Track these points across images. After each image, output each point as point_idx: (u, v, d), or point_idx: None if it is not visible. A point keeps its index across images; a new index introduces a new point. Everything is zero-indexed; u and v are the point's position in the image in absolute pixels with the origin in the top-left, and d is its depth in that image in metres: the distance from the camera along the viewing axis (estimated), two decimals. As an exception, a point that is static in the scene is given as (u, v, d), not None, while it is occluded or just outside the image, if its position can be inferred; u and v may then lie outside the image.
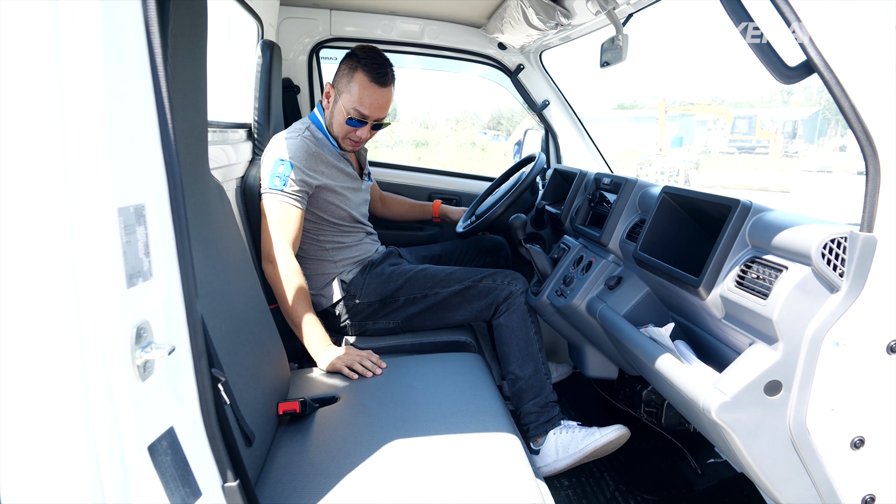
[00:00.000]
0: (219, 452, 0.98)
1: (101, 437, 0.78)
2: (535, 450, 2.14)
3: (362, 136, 2.23)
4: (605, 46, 2.24)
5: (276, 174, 2.06)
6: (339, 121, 2.20)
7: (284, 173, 2.06)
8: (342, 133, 2.22)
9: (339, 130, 2.22)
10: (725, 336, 1.47)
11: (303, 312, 2.01)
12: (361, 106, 2.15)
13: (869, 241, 1.13)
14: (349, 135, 2.23)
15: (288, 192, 2.06)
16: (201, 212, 1.39)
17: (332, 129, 2.24)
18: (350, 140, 2.24)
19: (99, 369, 0.78)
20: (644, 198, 1.96)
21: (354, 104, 2.15)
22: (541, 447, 2.12)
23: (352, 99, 2.14)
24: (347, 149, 2.28)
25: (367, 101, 2.14)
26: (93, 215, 0.76)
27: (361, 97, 2.13)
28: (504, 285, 2.25)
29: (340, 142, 2.25)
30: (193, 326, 0.93)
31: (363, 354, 1.95)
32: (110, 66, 0.78)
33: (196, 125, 1.35)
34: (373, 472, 1.35)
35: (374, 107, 2.16)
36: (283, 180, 2.06)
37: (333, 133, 2.24)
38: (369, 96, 2.14)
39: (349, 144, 2.26)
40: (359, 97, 2.13)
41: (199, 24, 1.28)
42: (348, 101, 2.15)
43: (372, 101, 2.15)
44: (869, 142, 1.09)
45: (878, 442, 1.25)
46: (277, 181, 2.06)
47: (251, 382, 1.40)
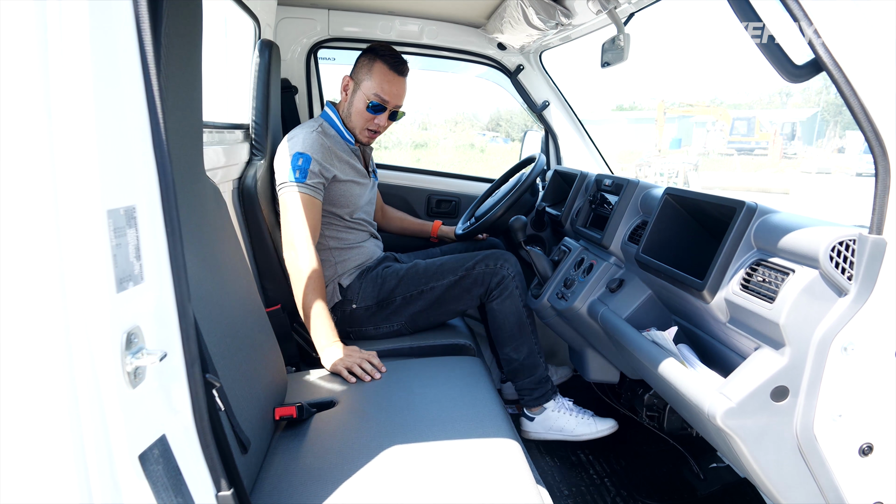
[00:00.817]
0: (212, 460, 0.96)
1: (89, 445, 0.76)
2: (529, 416, 2.35)
3: (380, 125, 2.31)
4: (606, 46, 2.21)
5: (297, 167, 2.11)
6: (358, 108, 2.27)
7: (304, 166, 2.11)
8: (361, 123, 2.29)
9: (358, 120, 2.28)
10: (730, 340, 1.45)
11: (316, 304, 2.01)
12: (382, 91, 2.25)
13: (878, 243, 1.10)
14: (368, 124, 2.29)
15: (309, 184, 2.10)
16: (196, 214, 1.36)
17: (350, 119, 2.30)
18: (368, 131, 2.31)
19: (87, 376, 0.75)
20: (646, 199, 1.93)
21: (375, 90, 2.25)
22: (536, 416, 2.34)
23: (372, 85, 2.25)
24: (364, 140, 2.33)
25: (386, 88, 2.25)
26: (81, 217, 0.74)
27: (381, 83, 2.25)
28: (497, 269, 2.26)
29: (358, 133, 2.31)
30: (186, 331, 0.91)
31: (365, 356, 1.93)
32: (100, 66, 0.75)
33: (191, 126, 1.32)
34: (371, 479, 1.33)
35: (392, 93, 2.27)
36: (304, 173, 2.10)
37: (352, 124, 2.30)
38: (388, 83, 2.25)
39: (366, 136, 2.32)
40: (379, 83, 2.25)
41: (193, 23, 1.26)
42: (369, 87, 2.25)
43: (391, 87, 2.26)
44: (879, 142, 1.06)
45: (886, 448, 1.22)
46: (298, 173, 2.10)
47: (247, 387, 1.38)
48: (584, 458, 2.31)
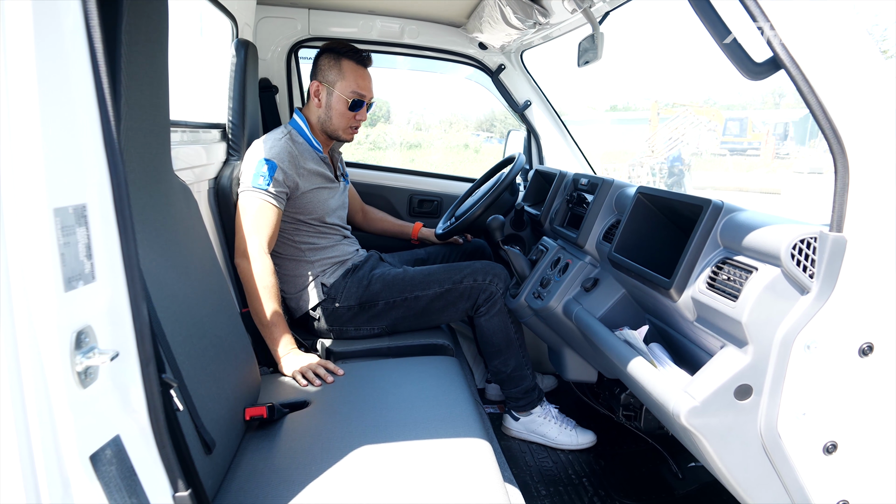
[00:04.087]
0: (169, 461, 0.95)
1: (37, 445, 0.75)
2: (515, 416, 2.42)
3: (362, 119, 2.32)
4: (585, 46, 2.22)
5: (260, 173, 2.09)
6: (339, 110, 2.26)
7: (268, 173, 2.09)
8: (344, 123, 2.28)
9: (340, 121, 2.27)
10: (698, 339, 1.45)
11: (271, 312, 2.00)
12: (359, 87, 2.25)
13: (839, 241, 1.10)
14: (351, 122, 2.29)
15: (270, 191, 2.08)
16: (161, 213, 1.35)
17: (330, 123, 2.28)
18: (351, 128, 2.31)
19: (35, 375, 0.75)
20: (620, 198, 1.93)
21: (353, 87, 2.24)
22: (522, 417, 2.41)
23: (348, 84, 2.24)
24: (348, 138, 2.33)
25: (362, 83, 2.26)
26: (25, 216, 0.73)
27: (356, 80, 2.24)
28: (485, 285, 2.27)
29: (342, 133, 2.30)
30: (141, 331, 0.90)
31: (321, 362, 1.93)
32: (45, 61, 0.75)
33: (156, 124, 1.32)
34: (338, 479, 1.32)
35: (367, 87, 2.28)
36: (267, 179, 2.08)
37: (332, 127, 2.29)
38: (362, 78, 2.26)
39: (349, 134, 2.32)
40: (354, 80, 2.24)
41: (158, 21, 1.25)
42: (345, 87, 2.24)
43: (365, 82, 2.27)
44: (837, 139, 1.07)
45: (850, 446, 1.22)
46: (261, 180, 2.08)
47: (214, 387, 1.37)
48: (564, 459, 2.31)
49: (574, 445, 2.37)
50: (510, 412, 2.44)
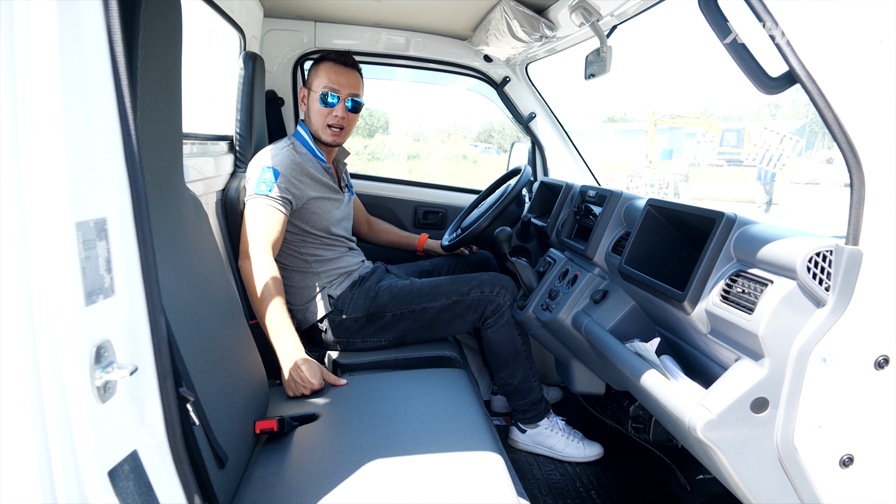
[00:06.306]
0: (185, 476, 0.94)
1: (56, 460, 0.75)
2: (521, 429, 2.42)
3: (339, 116, 2.27)
4: (591, 59, 2.23)
5: (263, 180, 2.10)
6: (315, 108, 2.27)
7: (270, 179, 2.10)
8: (321, 120, 2.27)
9: (317, 119, 2.27)
10: (711, 351, 1.45)
11: (274, 311, 1.95)
12: (331, 81, 2.25)
13: (854, 254, 1.10)
14: (327, 119, 2.27)
15: (273, 196, 2.08)
16: (174, 226, 1.35)
17: (311, 125, 2.29)
18: (329, 127, 2.28)
19: (55, 390, 0.74)
20: (629, 210, 1.94)
21: (325, 83, 2.25)
22: (528, 429, 2.40)
23: (321, 81, 2.26)
24: (329, 140, 2.29)
25: (334, 78, 2.25)
26: (48, 230, 0.73)
27: (329, 75, 2.25)
28: (492, 297, 2.28)
29: (321, 134, 2.28)
30: (158, 345, 0.90)
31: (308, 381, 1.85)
32: (69, 77, 0.75)
33: (169, 136, 1.32)
34: (350, 493, 1.31)
35: (342, 82, 2.26)
36: (269, 186, 2.09)
37: (314, 129, 2.29)
38: (336, 73, 2.26)
39: (329, 134, 2.28)
40: (326, 76, 2.25)
41: (172, 34, 1.25)
42: (319, 84, 2.26)
43: (339, 77, 2.26)
44: (853, 153, 1.07)
45: (867, 460, 1.22)
46: (263, 186, 2.09)
47: (226, 401, 1.36)
48: (571, 471, 2.30)
49: (581, 458, 2.36)
50: (517, 424, 2.43)
